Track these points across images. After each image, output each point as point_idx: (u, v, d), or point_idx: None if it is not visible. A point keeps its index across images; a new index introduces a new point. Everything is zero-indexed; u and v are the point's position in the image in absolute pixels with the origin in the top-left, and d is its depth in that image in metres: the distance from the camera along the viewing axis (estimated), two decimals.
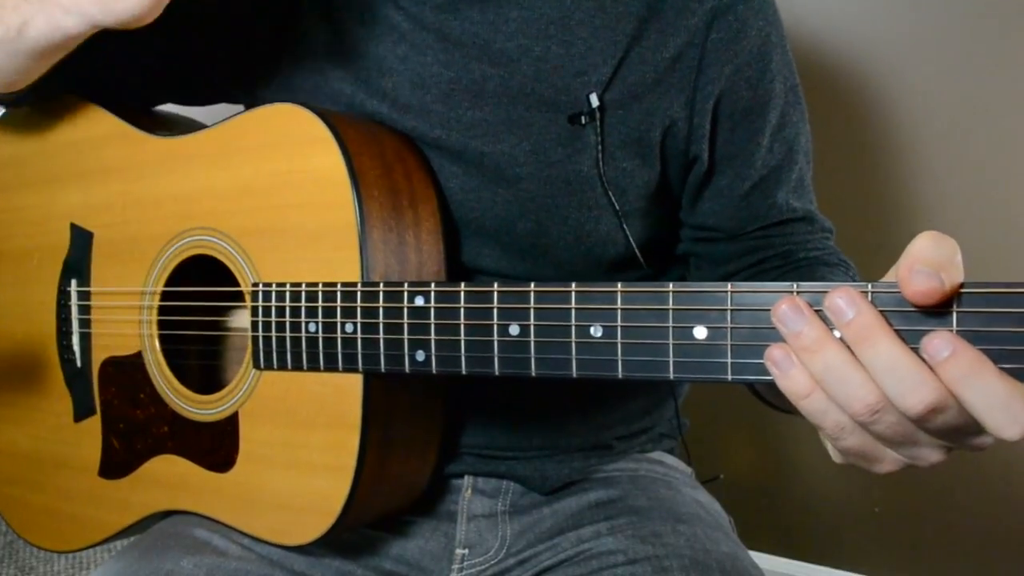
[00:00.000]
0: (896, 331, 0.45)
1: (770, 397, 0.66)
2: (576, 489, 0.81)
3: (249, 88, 0.84)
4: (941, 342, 0.42)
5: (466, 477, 0.81)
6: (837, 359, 0.45)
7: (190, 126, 0.84)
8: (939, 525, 1.41)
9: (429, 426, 0.75)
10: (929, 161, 1.34)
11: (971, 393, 0.42)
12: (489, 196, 0.74)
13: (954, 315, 0.44)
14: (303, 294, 0.67)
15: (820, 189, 0.83)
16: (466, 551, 0.78)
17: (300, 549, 0.73)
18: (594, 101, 0.72)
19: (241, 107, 0.86)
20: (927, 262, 0.43)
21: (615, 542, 0.72)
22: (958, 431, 0.45)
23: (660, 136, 0.74)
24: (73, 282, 0.86)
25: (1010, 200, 1.29)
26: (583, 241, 0.75)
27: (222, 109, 0.88)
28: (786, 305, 0.47)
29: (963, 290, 0.44)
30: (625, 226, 0.76)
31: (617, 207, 0.74)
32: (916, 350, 0.44)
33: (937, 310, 0.45)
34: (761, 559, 1.54)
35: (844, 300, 0.45)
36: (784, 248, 0.79)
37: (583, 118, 0.72)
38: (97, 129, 0.85)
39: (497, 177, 0.73)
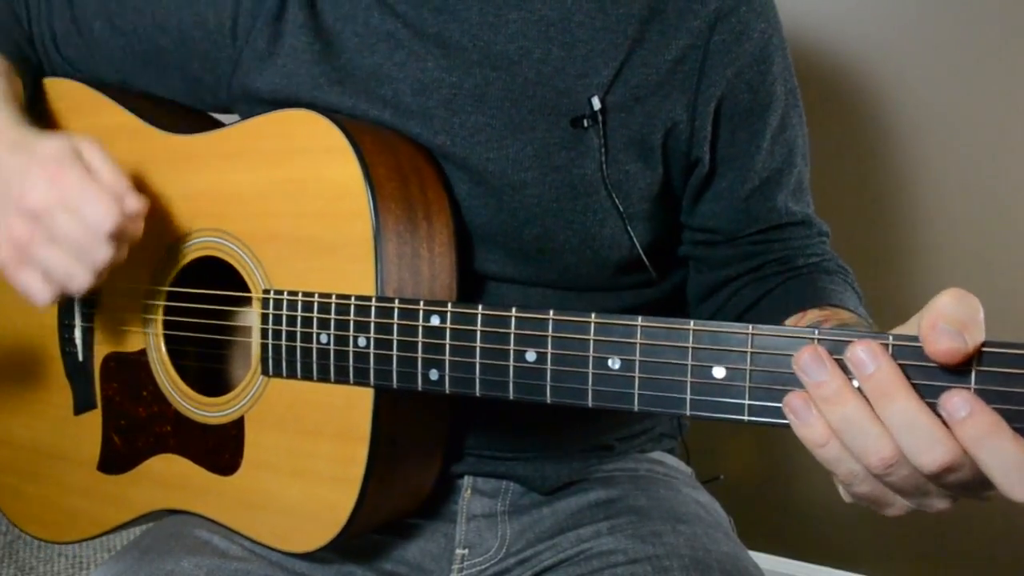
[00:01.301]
0: (915, 386, 0.45)
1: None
2: (576, 489, 0.82)
3: (248, 109, 0.82)
4: (960, 401, 0.43)
5: (466, 477, 0.82)
6: (856, 412, 0.46)
7: (204, 123, 0.83)
8: (939, 525, 1.43)
9: (435, 436, 0.75)
10: (927, 163, 1.34)
11: (986, 454, 0.43)
12: (495, 202, 0.73)
13: (973, 374, 0.45)
14: (315, 304, 0.67)
15: (817, 191, 0.83)
16: (466, 551, 0.79)
17: (302, 555, 0.73)
18: (596, 104, 0.72)
19: None
20: (950, 320, 0.43)
21: (615, 542, 0.73)
22: (969, 486, 0.46)
23: (662, 138, 0.74)
24: None
25: (1009, 201, 1.30)
26: (588, 245, 0.75)
27: None
28: (808, 354, 0.47)
29: (984, 349, 0.44)
30: (630, 229, 0.76)
31: (621, 210, 0.74)
32: (934, 405, 0.45)
33: (957, 367, 0.45)
34: (761, 559, 1.56)
35: (866, 353, 0.45)
36: (783, 253, 0.79)
37: (585, 121, 0.72)
38: (106, 121, 0.83)
39: (502, 183, 0.73)
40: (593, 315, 0.55)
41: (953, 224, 1.34)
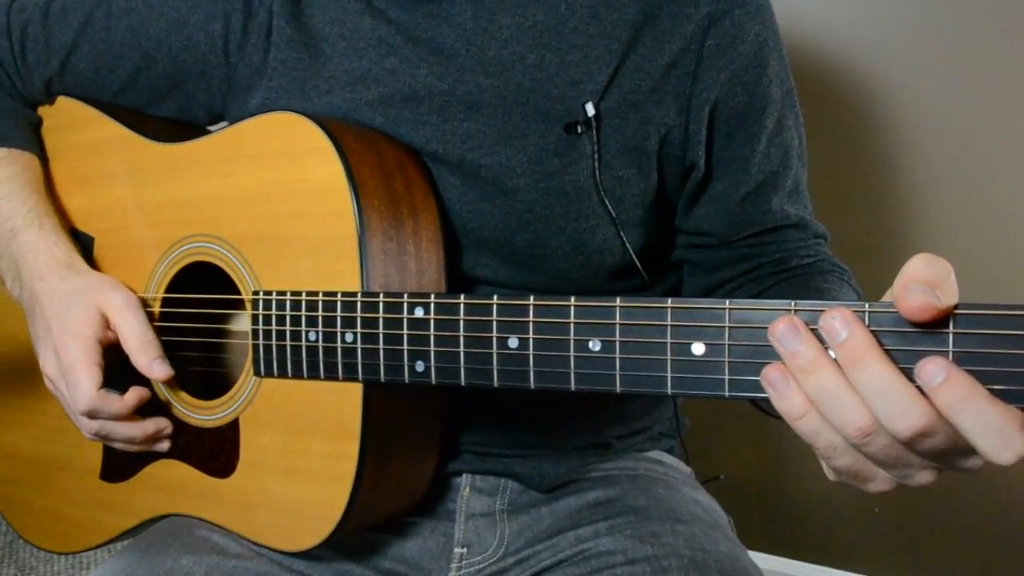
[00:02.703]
0: (888, 354, 0.45)
1: (766, 406, 0.66)
2: (575, 488, 0.82)
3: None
4: (935, 368, 0.43)
5: (464, 475, 0.82)
6: (832, 381, 0.46)
7: (192, 131, 0.84)
8: (939, 525, 1.41)
9: (429, 432, 0.75)
10: (926, 163, 1.33)
11: (965, 419, 0.42)
12: (487, 208, 0.74)
13: (950, 336, 0.44)
14: (303, 303, 0.68)
15: (815, 192, 0.83)
16: (464, 550, 0.79)
17: (299, 553, 0.74)
18: (590, 110, 0.72)
19: None
20: (921, 280, 0.43)
21: (614, 542, 0.73)
22: (948, 454, 0.45)
23: (657, 144, 0.74)
24: None
25: (1009, 202, 1.29)
26: (581, 251, 0.75)
27: None
28: (783, 324, 0.47)
29: (959, 311, 0.44)
30: (623, 234, 0.76)
31: (614, 216, 0.74)
32: (912, 370, 0.44)
33: (934, 331, 0.45)
34: (761, 559, 1.55)
35: (839, 320, 0.45)
36: (777, 255, 0.79)
37: (579, 127, 0.72)
38: (98, 133, 0.85)
39: (495, 189, 0.73)
40: (573, 298, 0.55)
41: (953, 224, 1.33)
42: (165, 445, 0.79)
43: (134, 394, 0.76)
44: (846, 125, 1.37)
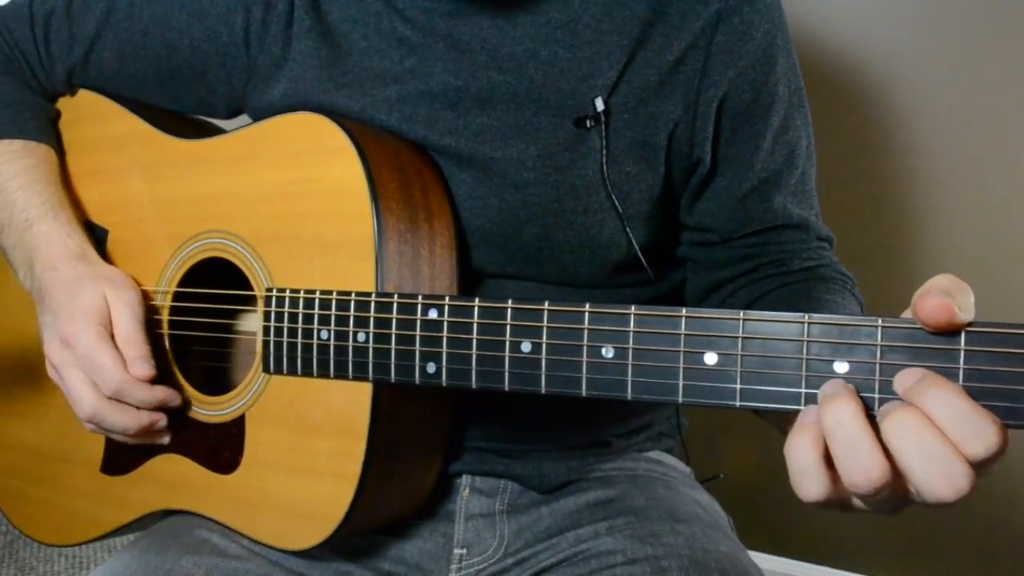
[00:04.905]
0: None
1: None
2: (574, 488, 0.82)
3: (261, 115, 0.84)
4: (910, 372, 0.46)
5: (464, 476, 0.82)
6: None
7: (210, 129, 0.84)
8: (939, 525, 1.42)
9: (434, 435, 0.75)
10: (932, 165, 1.34)
11: (941, 411, 0.44)
12: (496, 202, 0.75)
13: (961, 353, 0.45)
14: (316, 301, 0.68)
15: (820, 194, 0.83)
16: (464, 551, 0.79)
17: (299, 552, 0.74)
18: (599, 105, 0.73)
19: None
20: (942, 290, 0.45)
21: (614, 542, 0.73)
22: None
23: (666, 140, 0.75)
24: None
25: (1012, 204, 1.30)
26: (587, 245, 0.76)
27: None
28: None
29: (972, 329, 0.45)
30: (628, 230, 0.76)
31: (620, 211, 0.75)
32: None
33: (945, 347, 0.46)
34: (761, 559, 1.55)
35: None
36: (777, 256, 0.79)
37: (588, 122, 0.73)
38: (117, 127, 0.85)
39: (505, 182, 0.74)
40: (587, 305, 0.55)
41: (956, 225, 1.34)
42: (165, 438, 0.79)
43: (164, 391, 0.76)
44: (855, 127, 1.37)
